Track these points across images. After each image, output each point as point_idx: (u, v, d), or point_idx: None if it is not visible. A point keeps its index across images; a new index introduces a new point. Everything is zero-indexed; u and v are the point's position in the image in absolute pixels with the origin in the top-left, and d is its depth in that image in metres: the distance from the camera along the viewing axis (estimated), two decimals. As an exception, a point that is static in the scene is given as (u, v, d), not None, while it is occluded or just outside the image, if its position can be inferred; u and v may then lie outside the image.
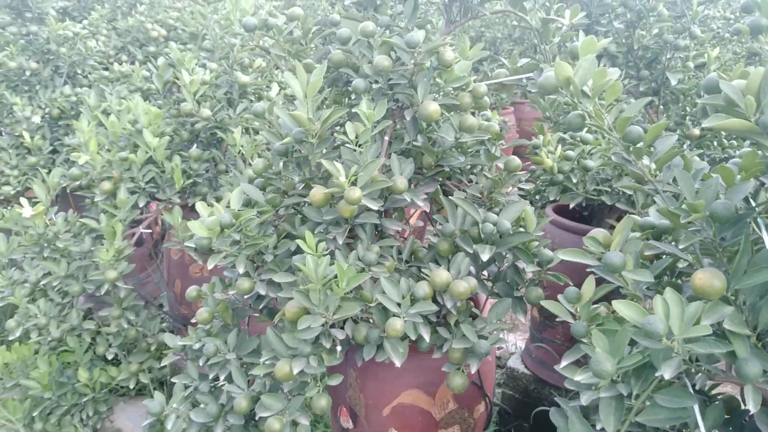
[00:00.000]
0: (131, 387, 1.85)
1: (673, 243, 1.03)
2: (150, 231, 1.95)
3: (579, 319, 0.91)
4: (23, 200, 1.67)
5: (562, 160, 1.71)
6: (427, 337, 1.03)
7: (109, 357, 1.79)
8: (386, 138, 1.25)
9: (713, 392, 0.90)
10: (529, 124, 4.57)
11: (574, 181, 1.69)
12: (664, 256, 0.96)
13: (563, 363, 0.89)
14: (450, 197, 1.21)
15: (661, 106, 2.10)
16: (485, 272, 1.30)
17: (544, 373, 2.12)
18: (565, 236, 1.81)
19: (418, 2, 1.27)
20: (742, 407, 0.87)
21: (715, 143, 2.06)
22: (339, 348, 1.07)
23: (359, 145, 1.10)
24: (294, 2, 5.17)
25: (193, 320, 1.25)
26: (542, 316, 1.92)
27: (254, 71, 2.01)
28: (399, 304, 1.04)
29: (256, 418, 1.11)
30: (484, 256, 1.09)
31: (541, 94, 0.95)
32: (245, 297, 1.23)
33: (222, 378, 1.18)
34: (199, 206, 1.20)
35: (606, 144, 1.82)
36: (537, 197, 2.02)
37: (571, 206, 1.78)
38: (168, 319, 2.34)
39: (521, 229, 1.20)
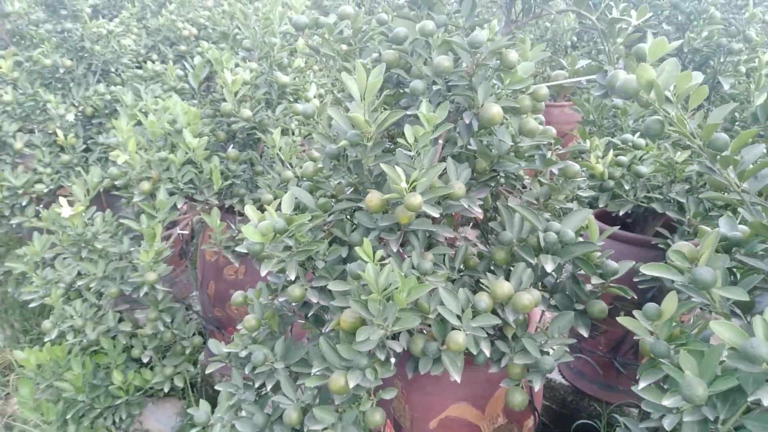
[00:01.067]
0: (165, 390, 1.83)
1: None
2: (187, 233, 1.92)
3: (658, 338, 0.86)
4: (62, 200, 1.65)
5: (613, 165, 1.65)
6: (487, 352, 0.98)
7: (145, 360, 1.77)
8: (440, 141, 1.21)
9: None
10: (559, 127, 4.49)
11: (627, 188, 1.63)
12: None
13: (642, 384, 0.84)
14: (508, 204, 1.16)
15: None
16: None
17: (583, 385, 2.06)
18: (614, 245, 1.75)
19: (475, 1, 1.22)
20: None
21: None
22: (393, 360, 1.03)
23: (417, 150, 1.05)
24: (321, 3, 5.15)
25: (238, 326, 1.21)
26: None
27: (293, 71, 1.98)
28: (459, 317, 1.00)
29: (305, 431, 1.07)
30: (548, 267, 1.04)
31: (622, 98, 0.90)
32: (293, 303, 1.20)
33: (269, 387, 1.14)
34: (249, 210, 1.16)
35: (657, 149, 1.75)
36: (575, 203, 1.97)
37: (621, 213, 1.71)
38: (199, 320, 2.31)
39: (582, 239, 1.14)
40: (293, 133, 2.07)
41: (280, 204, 1.18)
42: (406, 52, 1.20)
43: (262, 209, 2.00)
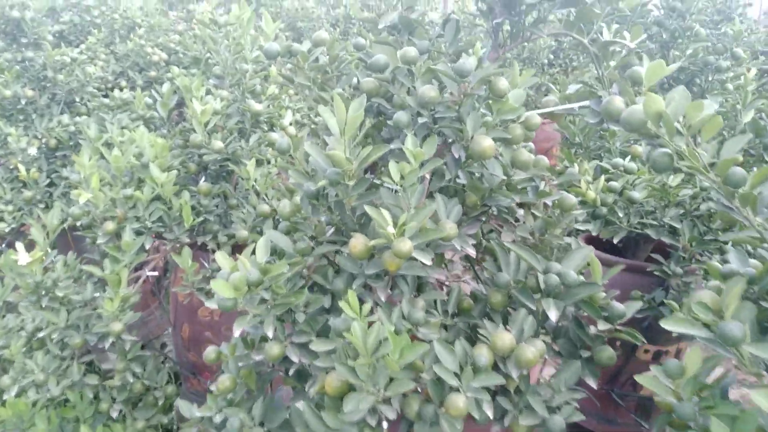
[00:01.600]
0: (137, 445, 1.69)
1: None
2: (156, 274, 1.80)
3: (681, 398, 0.77)
4: (18, 245, 1.52)
5: (605, 191, 1.58)
6: (491, 414, 0.88)
7: (114, 414, 1.63)
8: (426, 175, 1.12)
9: None
10: (539, 144, 4.45)
11: (620, 215, 1.55)
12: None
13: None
14: (502, 242, 1.07)
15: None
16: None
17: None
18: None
19: (459, 24, 1.14)
20: None
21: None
22: (385, 424, 0.92)
23: (403, 187, 0.96)
24: (295, 25, 5.08)
25: (211, 387, 1.10)
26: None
27: (267, 99, 1.88)
28: (458, 375, 0.90)
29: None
30: (553, 315, 0.95)
31: (626, 130, 0.82)
32: (272, 360, 1.08)
33: (247, 455, 1.02)
34: (220, 257, 1.05)
35: (649, 173, 1.69)
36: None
37: (616, 241, 1.64)
38: (173, 363, 2.18)
39: (583, 278, 1.06)
40: (269, 162, 1.97)
41: (254, 249, 1.08)
42: (387, 81, 1.11)
43: (237, 248, 1.90)
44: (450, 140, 1.06)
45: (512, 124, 1.08)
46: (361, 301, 1.02)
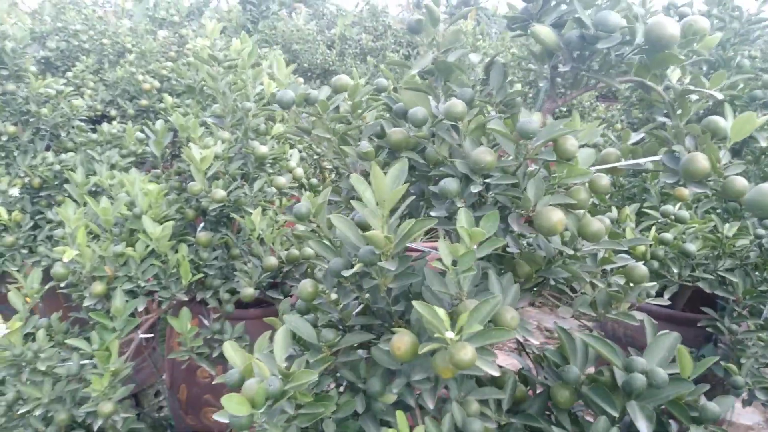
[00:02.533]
0: None
1: None
2: (151, 336, 1.61)
3: None
4: (-7, 315, 1.33)
5: (657, 244, 1.42)
6: None
7: (103, 502, 1.43)
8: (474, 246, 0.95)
9: None
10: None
11: (675, 270, 1.39)
12: None
13: None
14: (571, 333, 0.89)
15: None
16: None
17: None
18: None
19: (506, 70, 0.98)
20: None
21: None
22: None
23: (457, 274, 0.79)
24: (290, 47, 4.93)
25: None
26: None
27: (272, 138, 1.71)
28: None
29: None
30: (643, 427, 0.77)
31: (754, 213, 0.65)
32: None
33: None
34: (229, 349, 0.87)
35: (701, 221, 1.53)
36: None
37: (667, 297, 1.47)
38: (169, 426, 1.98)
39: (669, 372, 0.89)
40: (276, 203, 1.79)
41: (272, 335, 0.90)
42: (426, 138, 0.94)
43: (240, 305, 1.71)
44: (506, 209, 0.89)
45: (576, 188, 0.91)
46: (404, 407, 0.85)
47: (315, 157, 2.43)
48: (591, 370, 0.95)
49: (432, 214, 0.91)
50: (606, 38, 0.84)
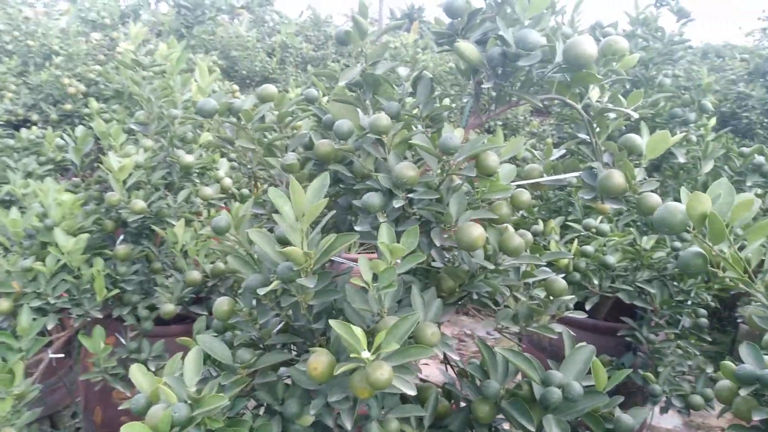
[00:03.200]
0: None
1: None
2: (62, 356, 1.51)
3: None
4: None
5: (579, 256, 1.45)
6: None
7: None
8: (398, 260, 0.94)
9: None
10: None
11: (596, 282, 1.43)
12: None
13: None
14: (492, 348, 0.89)
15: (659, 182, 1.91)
16: None
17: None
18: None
19: (432, 84, 0.98)
20: None
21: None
22: None
23: (378, 290, 0.77)
24: (229, 54, 4.84)
25: None
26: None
27: (200, 147, 1.65)
28: None
29: None
30: (557, 441, 0.78)
31: (660, 231, 0.67)
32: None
33: None
34: (137, 374, 0.82)
35: (621, 234, 1.58)
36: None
37: (588, 308, 1.51)
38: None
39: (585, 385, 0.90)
40: (201, 214, 1.73)
41: (183, 357, 0.85)
42: (351, 151, 0.93)
43: (161, 321, 1.63)
44: (428, 223, 0.88)
45: (498, 202, 0.92)
46: (323, 428, 0.82)
47: (249, 167, 2.37)
48: (519, 378, 0.96)
49: (356, 228, 0.89)
50: (526, 56, 0.85)
